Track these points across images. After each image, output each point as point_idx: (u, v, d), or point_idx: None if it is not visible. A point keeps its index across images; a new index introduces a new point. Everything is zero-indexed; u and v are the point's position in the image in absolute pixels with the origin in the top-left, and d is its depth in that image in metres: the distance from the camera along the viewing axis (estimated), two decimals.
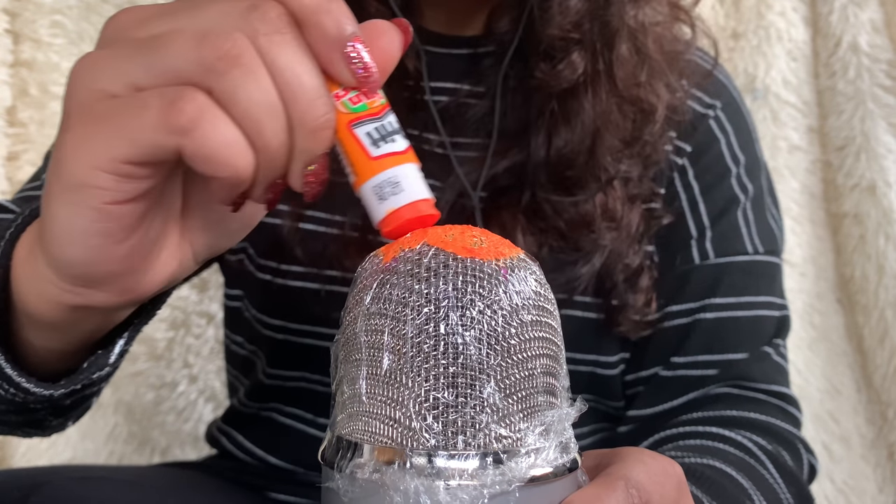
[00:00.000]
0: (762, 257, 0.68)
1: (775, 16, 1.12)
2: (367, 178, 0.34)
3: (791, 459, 0.62)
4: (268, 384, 0.68)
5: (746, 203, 0.68)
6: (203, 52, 0.30)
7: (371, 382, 0.33)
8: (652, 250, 0.66)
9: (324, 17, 0.32)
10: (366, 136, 0.34)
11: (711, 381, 0.65)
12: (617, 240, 0.62)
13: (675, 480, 0.39)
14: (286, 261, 0.64)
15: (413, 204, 0.34)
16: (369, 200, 0.34)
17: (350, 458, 0.33)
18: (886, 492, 1.10)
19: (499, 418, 0.32)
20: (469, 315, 0.33)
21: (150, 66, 0.31)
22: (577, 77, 0.59)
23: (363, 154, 0.34)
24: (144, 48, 0.31)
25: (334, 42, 0.32)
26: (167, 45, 0.31)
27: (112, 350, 0.40)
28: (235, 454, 0.70)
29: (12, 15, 0.98)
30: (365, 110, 0.34)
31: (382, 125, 0.34)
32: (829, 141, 1.13)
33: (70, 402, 0.43)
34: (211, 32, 0.31)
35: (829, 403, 1.10)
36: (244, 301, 0.68)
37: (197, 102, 0.30)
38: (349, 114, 0.33)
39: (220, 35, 0.30)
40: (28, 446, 0.98)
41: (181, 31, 0.31)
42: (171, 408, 1.05)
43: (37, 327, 0.39)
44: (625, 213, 0.63)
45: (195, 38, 0.30)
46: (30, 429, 0.48)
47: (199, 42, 0.30)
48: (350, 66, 0.32)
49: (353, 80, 0.33)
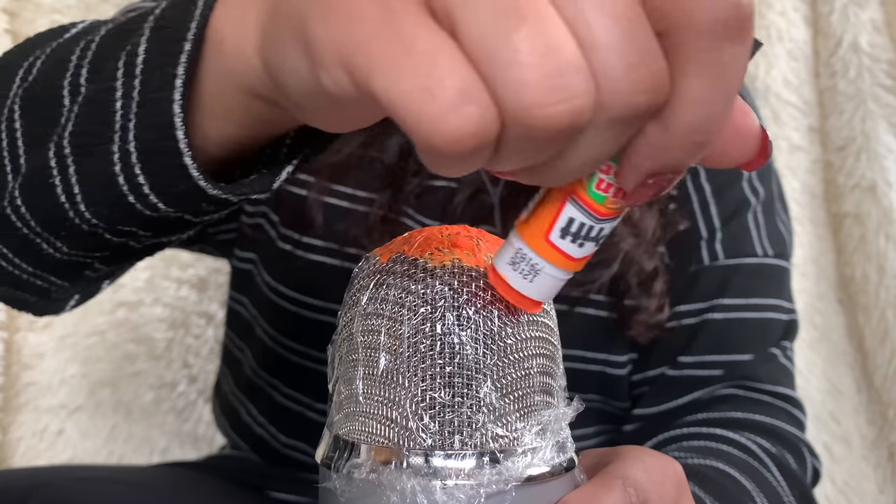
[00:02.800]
0: (771, 260, 0.68)
1: (776, 15, 1.12)
2: (526, 239, 0.30)
3: (795, 462, 0.62)
4: (276, 351, 0.67)
5: (757, 206, 0.69)
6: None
7: (368, 382, 0.33)
8: (663, 251, 0.66)
9: (697, 136, 0.25)
10: (565, 219, 0.29)
11: (717, 381, 0.65)
12: (635, 245, 0.63)
13: (674, 479, 0.38)
14: (308, 233, 0.64)
15: (523, 296, 0.31)
16: (508, 249, 0.31)
17: (347, 458, 0.33)
18: (887, 492, 1.10)
19: (495, 418, 0.32)
20: (465, 315, 0.33)
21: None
22: None
23: (547, 226, 0.29)
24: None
25: (663, 163, 0.26)
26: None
27: (279, 175, 0.36)
28: (250, 426, 0.70)
29: (12, 15, 0.98)
30: (597, 202, 0.28)
31: (591, 227, 0.29)
32: (829, 141, 1.13)
33: (147, 244, 0.40)
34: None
35: (830, 404, 1.10)
36: (257, 266, 0.68)
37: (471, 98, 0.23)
38: (583, 188, 0.28)
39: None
40: (28, 446, 0.99)
41: None
42: (170, 408, 1.05)
43: (221, 87, 0.34)
44: (643, 217, 0.63)
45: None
46: (63, 278, 0.43)
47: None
48: (639, 186, 0.27)
49: (629, 190, 0.27)
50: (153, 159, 0.34)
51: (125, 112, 0.34)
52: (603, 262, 0.63)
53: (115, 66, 0.35)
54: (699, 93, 0.25)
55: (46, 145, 0.37)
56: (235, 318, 0.73)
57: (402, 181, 0.63)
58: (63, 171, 0.37)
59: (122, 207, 0.36)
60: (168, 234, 0.40)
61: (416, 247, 0.34)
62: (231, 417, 0.74)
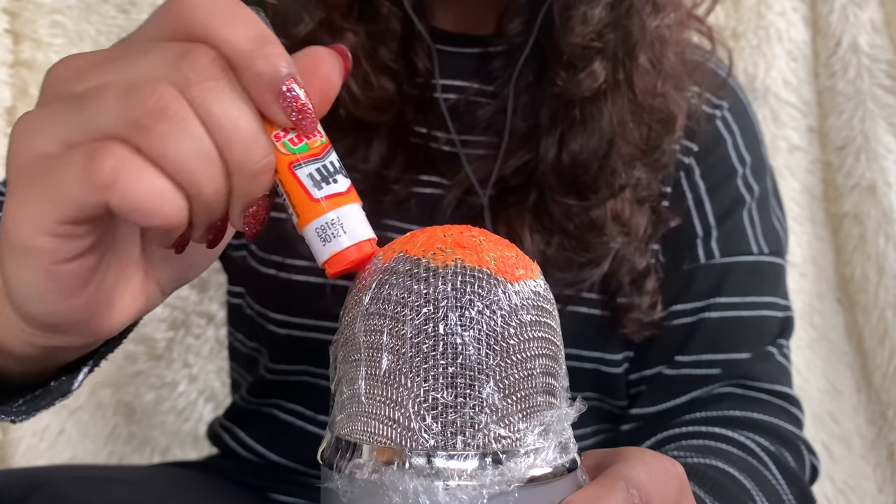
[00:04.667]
0: (767, 258, 0.68)
1: (775, 16, 1.12)
2: (309, 219, 0.34)
3: (793, 460, 0.63)
4: (269, 379, 0.68)
5: (752, 204, 0.69)
6: (128, 108, 0.30)
7: (370, 383, 0.33)
8: (657, 248, 0.66)
9: (257, 60, 0.31)
10: (307, 178, 0.33)
11: (715, 380, 0.66)
12: (625, 243, 0.63)
13: (676, 480, 0.39)
14: (290, 255, 0.64)
15: (357, 245, 0.34)
16: (313, 242, 0.34)
17: (349, 459, 0.33)
18: (886, 492, 1.10)
19: (498, 418, 0.32)
20: (468, 315, 0.32)
21: (79, 124, 0.31)
22: (598, 86, 0.60)
23: (305, 196, 0.33)
24: (76, 105, 0.31)
25: (268, 85, 0.31)
26: (96, 100, 0.30)
27: (76, 377, 0.40)
28: (237, 451, 0.70)
29: (12, 15, 0.98)
30: (305, 151, 0.33)
31: (325, 165, 0.34)
32: (829, 141, 1.13)
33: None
34: (137, 86, 0.30)
35: (829, 403, 1.10)
36: (245, 298, 0.68)
37: (115, 155, 0.30)
38: (289, 155, 0.33)
39: (145, 88, 0.30)
40: (28, 446, 0.98)
41: (109, 85, 0.31)
42: (171, 408, 1.05)
43: (6, 357, 0.38)
44: (633, 215, 0.63)
45: (122, 93, 0.30)
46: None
47: (125, 97, 0.30)
48: (285, 109, 0.32)
49: (289, 122, 0.32)
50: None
51: None
52: (593, 260, 0.62)
53: None
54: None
55: None
56: (236, 353, 0.75)
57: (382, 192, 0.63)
58: None
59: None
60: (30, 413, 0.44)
61: (418, 246, 0.34)
62: (216, 442, 0.74)
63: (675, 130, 0.63)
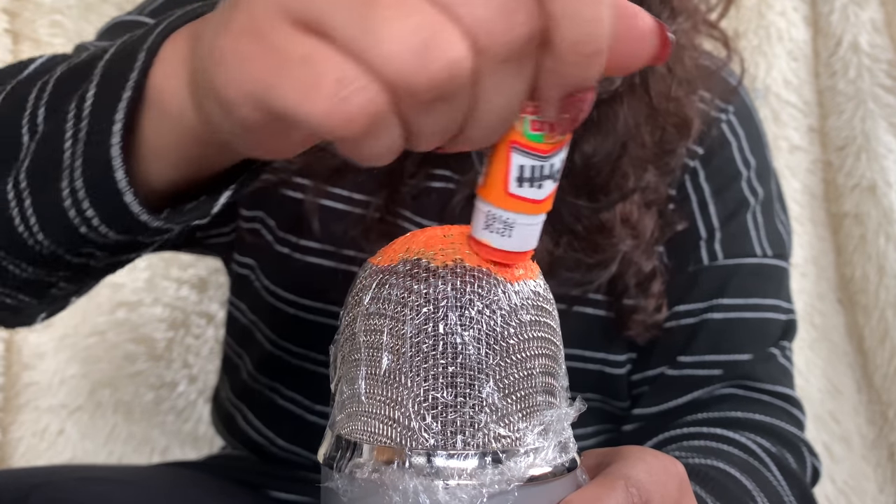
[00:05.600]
0: (770, 260, 0.68)
1: (776, 15, 1.12)
2: (490, 199, 0.31)
3: (794, 462, 0.63)
4: (275, 354, 0.67)
5: (756, 206, 0.69)
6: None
7: (370, 382, 0.33)
8: (661, 250, 0.66)
9: (580, 57, 0.27)
10: (517, 168, 0.30)
11: (717, 381, 0.66)
12: (633, 246, 0.63)
13: (676, 480, 0.39)
14: (305, 236, 0.64)
15: (507, 252, 0.33)
16: (479, 216, 0.32)
17: (349, 458, 0.33)
18: (887, 492, 1.10)
19: (497, 418, 0.32)
20: (468, 315, 0.33)
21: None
22: (615, 88, 0.60)
23: (502, 181, 0.31)
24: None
25: (567, 85, 0.28)
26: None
27: (217, 199, 0.38)
28: (246, 432, 0.70)
29: (12, 15, 0.98)
30: (537, 142, 0.30)
31: (542, 167, 0.31)
32: (829, 141, 1.13)
33: (107, 262, 0.43)
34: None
35: (830, 403, 1.10)
36: (255, 271, 0.68)
37: (369, 93, 0.26)
38: (520, 135, 0.30)
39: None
40: (28, 446, 0.98)
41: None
42: (170, 408, 1.05)
43: (158, 133, 0.36)
44: (641, 218, 0.63)
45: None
46: (31, 295, 0.46)
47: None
48: (562, 108, 0.29)
49: (553, 118, 0.29)
50: (98, 195, 0.37)
51: (73, 151, 0.37)
52: (602, 262, 0.63)
53: (67, 109, 0.38)
54: (571, 7, 0.26)
55: (5, 179, 0.40)
56: (234, 324, 0.73)
57: (398, 183, 0.63)
58: (20, 203, 0.40)
59: (75, 236, 0.39)
60: (126, 253, 0.43)
61: (418, 246, 0.34)
62: (228, 423, 0.74)
63: (689, 135, 0.64)
